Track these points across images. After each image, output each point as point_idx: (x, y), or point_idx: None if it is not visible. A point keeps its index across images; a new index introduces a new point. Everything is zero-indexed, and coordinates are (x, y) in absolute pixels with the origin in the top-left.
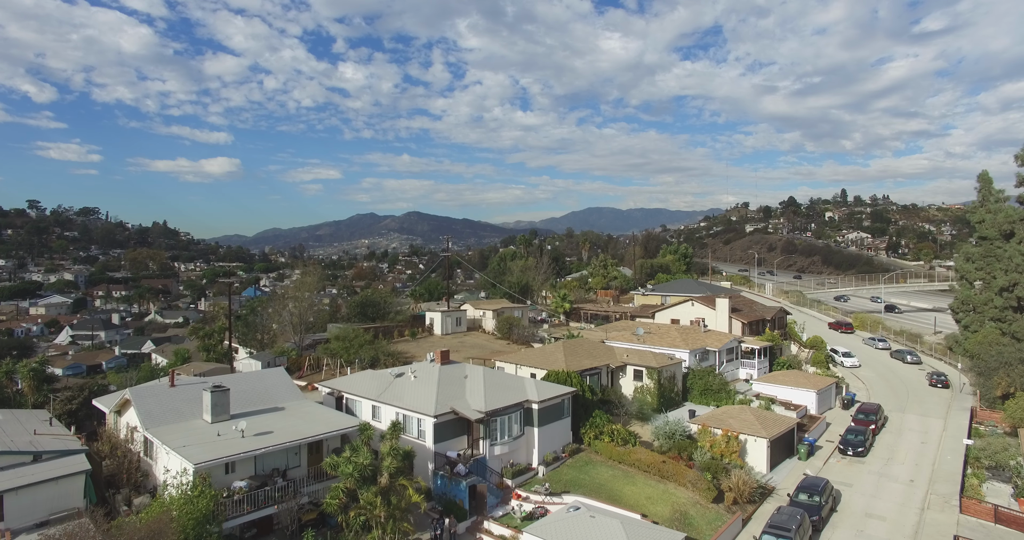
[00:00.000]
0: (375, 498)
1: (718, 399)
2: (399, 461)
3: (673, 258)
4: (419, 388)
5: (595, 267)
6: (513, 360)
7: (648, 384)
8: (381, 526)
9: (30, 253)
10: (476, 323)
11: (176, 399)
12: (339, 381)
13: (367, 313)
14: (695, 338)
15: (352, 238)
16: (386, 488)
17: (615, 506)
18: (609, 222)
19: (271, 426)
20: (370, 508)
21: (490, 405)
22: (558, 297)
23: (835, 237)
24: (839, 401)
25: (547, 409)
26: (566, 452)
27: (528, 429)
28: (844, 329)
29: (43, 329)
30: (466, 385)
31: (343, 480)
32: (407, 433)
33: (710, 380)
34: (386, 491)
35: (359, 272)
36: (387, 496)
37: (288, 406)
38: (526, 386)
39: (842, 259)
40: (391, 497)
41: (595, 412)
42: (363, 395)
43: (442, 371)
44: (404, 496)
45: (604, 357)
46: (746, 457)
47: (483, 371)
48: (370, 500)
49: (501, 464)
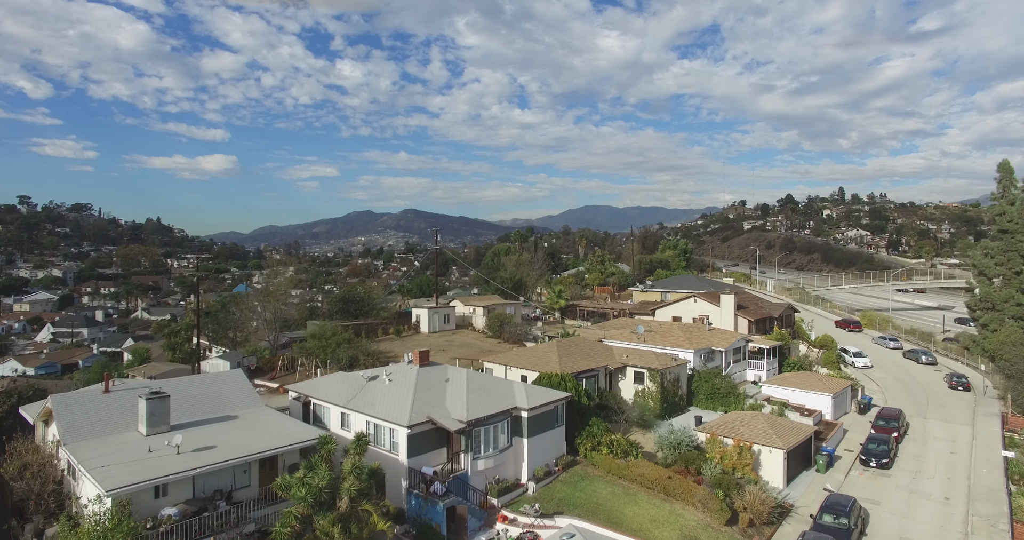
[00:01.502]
0: (332, 527)
1: (726, 403)
2: (363, 482)
3: (672, 254)
4: (393, 393)
5: (592, 263)
6: (502, 361)
7: (650, 387)
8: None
9: (19, 249)
10: (466, 321)
11: (108, 408)
12: (306, 384)
13: (349, 309)
14: (700, 337)
15: (349, 236)
16: (346, 514)
17: (615, 531)
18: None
19: (216, 439)
20: (326, 539)
21: (473, 413)
22: (553, 293)
23: (834, 234)
24: (855, 405)
25: (538, 417)
26: (559, 465)
27: (516, 440)
28: (852, 327)
29: (25, 326)
30: (447, 390)
31: (296, 505)
32: (379, 445)
33: (717, 383)
34: (346, 518)
35: (353, 269)
36: (347, 524)
37: (242, 414)
38: (515, 391)
39: (842, 256)
40: (351, 525)
41: (592, 420)
42: (331, 401)
43: (420, 374)
44: (368, 524)
45: (602, 358)
46: (760, 470)
47: (467, 374)
48: (326, 530)
49: (485, 480)
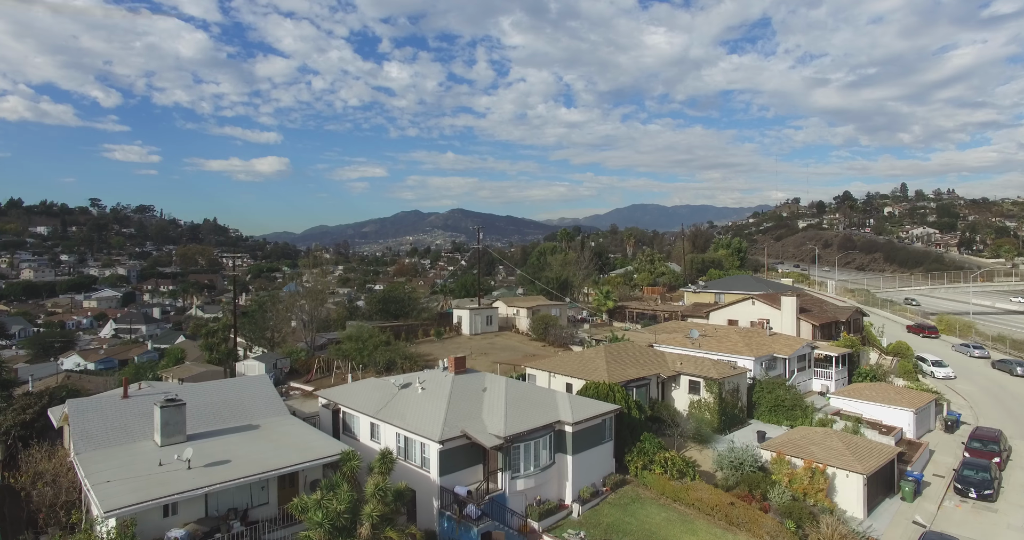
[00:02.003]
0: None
1: (792, 417)
2: (387, 505)
3: (726, 253)
4: (426, 404)
5: (641, 262)
6: (546, 367)
7: (707, 398)
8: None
9: (90, 249)
10: (509, 322)
11: (127, 414)
12: (336, 390)
13: (389, 310)
14: (760, 343)
15: (397, 235)
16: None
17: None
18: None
19: (233, 452)
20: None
21: (512, 428)
22: (601, 294)
23: (897, 233)
24: (940, 422)
25: (584, 432)
26: (607, 485)
27: (560, 457)
28: (927, 333)
29: (92, 322)
30: (484, 400)
31: (312, 529)
32: (410, 459)
33: (781, 394)
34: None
35: (401, 268)
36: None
37: (265, 424)
38: (558, 402)
39: (907, 256)
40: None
41: (644, 435)
42: (361, 410)
43: (455, 383)
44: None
45: (653, 365)
46: (835, 497)
47: (506, 383)
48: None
49: (525, 501)
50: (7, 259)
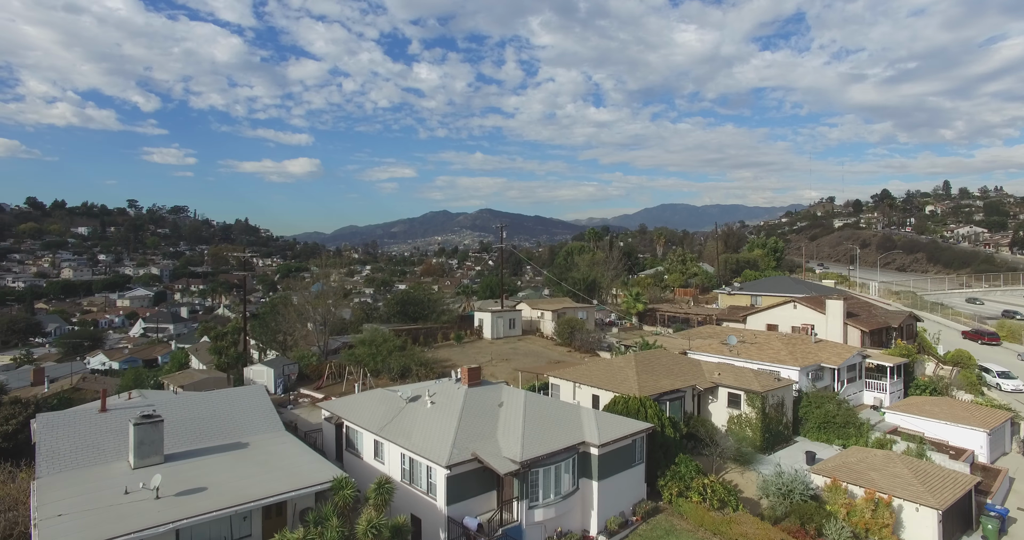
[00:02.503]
0: None
1: (844, 436)
2: (376, 535)
3: (761, 253)
4: (434, 421)
5: (672, 262)
6: (570, 377)
7: (748, 413)
8: None
9: (127, 248)
10: (533, 326)
11: (101, 431)
12: (340, 403)
13: (408, 312)
14: (805, 351)
15: (426, 235)
16: None
17: None
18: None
19: (212, 477)
20: None
21: (530, 451)
22: (630, 296)
23: (941, 232)
24: (1018, 444)
25: (612, 454)
26: (638, 514)
27: (584, 482)
28: (986, 340)
29: (124, 321)
30: (500, 417)
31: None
32: (415, 483)
33: (832, 409)
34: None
35: (428, 268)
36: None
37: (255, 442)
38: (583, 420)
39: (953, 256)
40: None
41: (679, 457)
42: (365, 425)
43: (468, 397)
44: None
45: (688, 375)
46: (903, 533)
47: (524, 398)
48: None
49: (544, 534)
50: (49, 259)
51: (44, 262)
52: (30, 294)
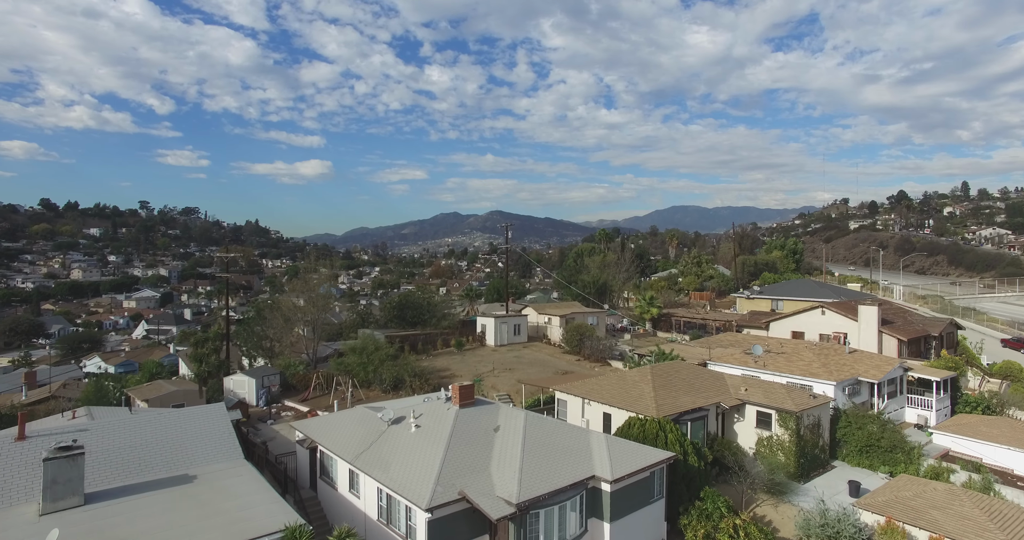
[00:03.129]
0: None
1: (890, 462)
2: None
3: (780, 254)
4: (418, 449)
5: (686, 265)
6: (579, 392)
7: (780, 435)
8: None
9: (137, 249)
10: (539, 332)
11: (12, 465)
12: (314, 423)
13: (406, 317)
14: (840, 363)
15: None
16: None
17: None
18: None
19: (132, 528)
20: None
21: (529, 490)
22: (643, 300)
23: (963, 234)
24: None
25: (627, 490)
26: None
27: (594, 524)
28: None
29: (128, 322)
30: (495, 445)
31: None
32: (392, 524)
33: (875, 431)
34: None
35: (437, 270)
36: None
37: (205, 474)
38: (592, 449)
39: (976, 259)
40: None
41: (705, 491)
42: (339, 452)
43: (459, 420)
44: None
45: (711, 391)
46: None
47: (524, 421)
48: None
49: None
50: (60, 259)
51: (55, 263)
52: (37, 295)
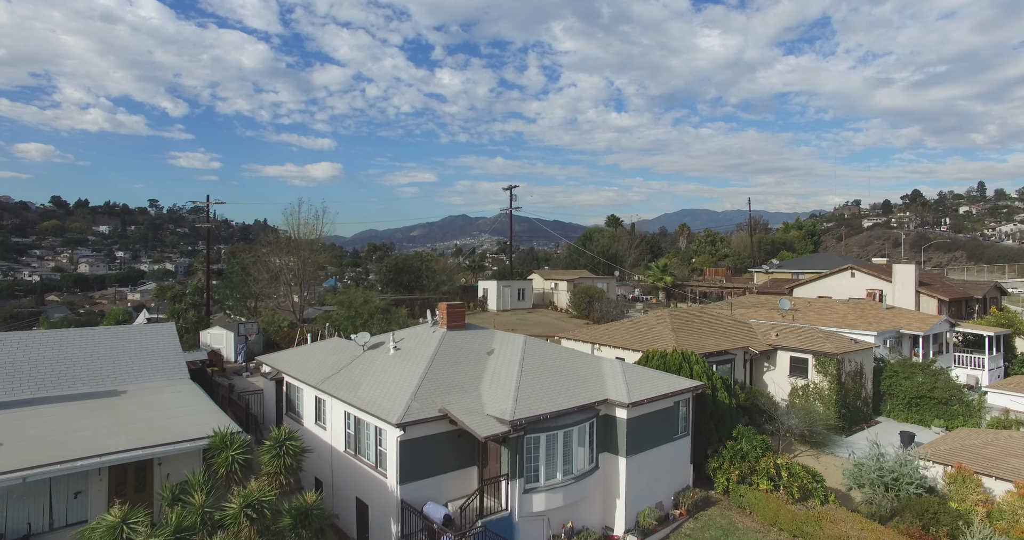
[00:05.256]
0: None
1: (946, 415)
2: (257, 518)
3: (798, 234)
4: (395, 369)
5: (700, 244)
6: (588, 337)
7: (818, 383)
8: None
9: (145, 247)
10: (546, 298)
11: None
12: (283, 355)
13: (402, 281)
14: (878, 316)
15: (445, 239)
16: None
17: None
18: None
19: (24, 432)
20: None
21: (526, 407)
22: (657, 269)
23: (982, 230)
24: None
25: (645, 420)
26: (682, 507)
27: (607, 460)
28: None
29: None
30: (488, 367)
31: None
32: (361, 454)
33: (924, 382)
34: None
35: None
36: None
37: (138, 390)
38: (604, 373)
39: (996, 254)
40: None
41: (738, 428)
42: (305, 379)
43: (446, 341)
44: None
45: (738, 336)
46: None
47: (523, 344)
48: None
49: (547, 530)
50: (68, 255)
51: (63, 258)
52: (42, 287)
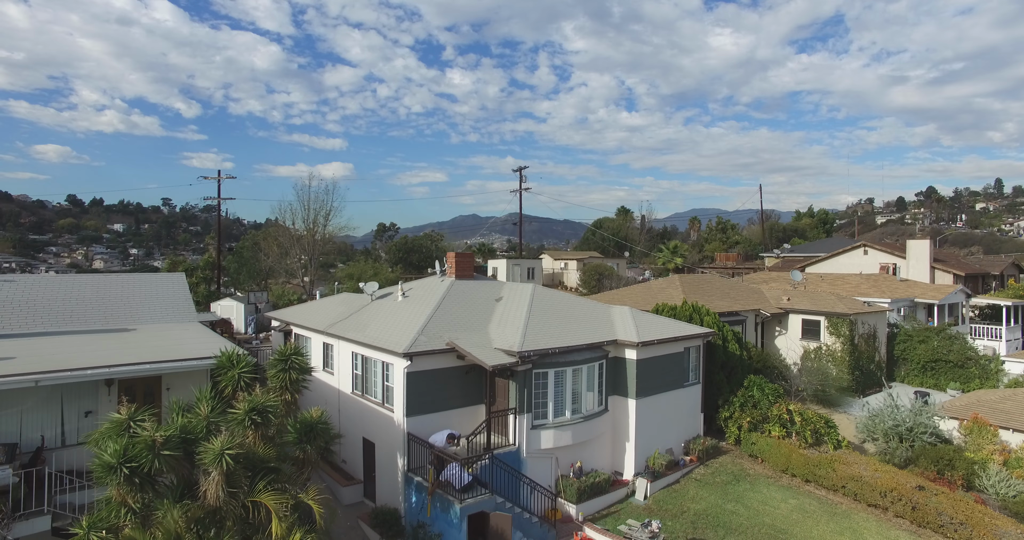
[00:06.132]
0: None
1: (963, 378)
2: (262, 423)
3: (810, 222)
4: (403, 313)
5: (711, 231)
6: (597, 300)
7: (831, 345)
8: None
9: (158, 244)
10: (555, 278)
11: None
12: (293, 309)
13: (411, 261)
14: (892, 286)
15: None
16: (218, 513)
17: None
18: None
19: (34, 351)
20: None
21: (533, 342)
22: (667, 249)
23: (1000, 225)
24: None
25: (655, 363)
26: (693, 453)
27: (616, 403)
28: None
29: None
30: (496, 312)
31: (101, 476)
32: (368, 394)
33: (940, 346)
34: (214, 520)
35: None
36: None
37: (147, 329)
38: (613, 318)
39: (1014, 248)
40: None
41: (749, 378)
42: (314, 326)
43: (454, 288)
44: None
45: (749, 299)
46: None
47: (532, 291)
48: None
49: (554, 469)
50: (83, 252)
51: (78, 255)
52: None
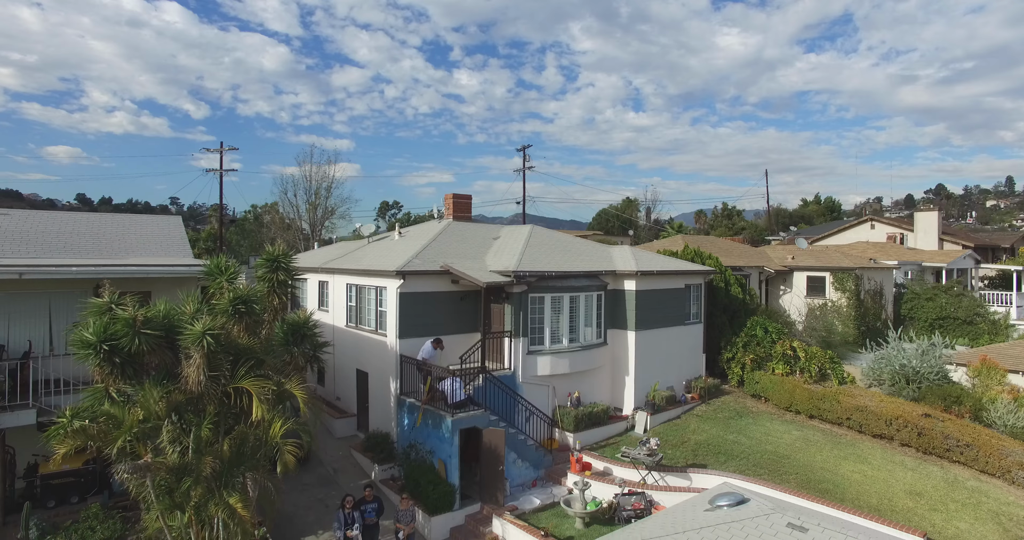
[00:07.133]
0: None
1: (971, 335)
2: (246, 312)
3: (817, 209)
4: (400, 246)
5: (716, 217)
6: None
7: (836, 300)
8: (195, 506)
9: None
10: None
11: None
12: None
13: None
14: (899, 252)
15: None
16: (199, 397)
17: (830, 504)
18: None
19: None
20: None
21: (529, 265)
22: (671, 229)
23: (1011, 221)
24: None
25: (656, 296)
26: (694, 391)
27: (615, 336)
28: None
29: None
30: (492, 246)
31: (83, 356)
32: (362, 324)
33: (947, 303)
34: (195, 406)
35: None
36: (185, 417)
37: (138, 262)
38: (613, 254)
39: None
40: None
41: (752, 320)
42: (310, 265)
43: (451, 227)
44: (254, 438)
45: (752, 257)
46: None
47: (530, 231)
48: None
49: (552, 398)
50: None
51: None
52: None
